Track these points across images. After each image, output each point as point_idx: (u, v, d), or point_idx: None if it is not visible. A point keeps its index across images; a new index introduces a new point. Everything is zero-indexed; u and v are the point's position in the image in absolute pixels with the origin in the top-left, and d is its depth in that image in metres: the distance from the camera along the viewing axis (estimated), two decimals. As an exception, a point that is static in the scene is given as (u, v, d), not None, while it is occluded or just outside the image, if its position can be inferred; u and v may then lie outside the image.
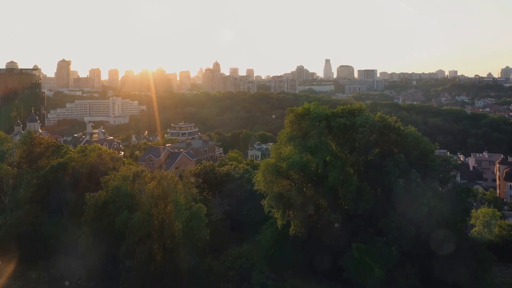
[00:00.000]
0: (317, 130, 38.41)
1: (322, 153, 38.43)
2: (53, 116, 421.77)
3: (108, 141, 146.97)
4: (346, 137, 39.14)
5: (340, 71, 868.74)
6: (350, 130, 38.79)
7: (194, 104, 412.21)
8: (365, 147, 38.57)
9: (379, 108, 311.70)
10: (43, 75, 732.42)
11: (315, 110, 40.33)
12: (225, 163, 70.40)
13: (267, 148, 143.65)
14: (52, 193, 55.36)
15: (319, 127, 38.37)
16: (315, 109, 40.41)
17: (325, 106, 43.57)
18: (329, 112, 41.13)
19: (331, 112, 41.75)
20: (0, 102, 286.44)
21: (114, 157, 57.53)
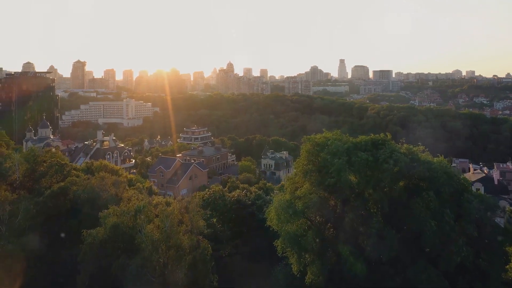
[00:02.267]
0: (337, 166, 34.29)
1: (341, 191, 34.35)
2: (67, 118, 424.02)
3: (119, 149, 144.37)
4: (368, 173, 34.88)
5: (355, 71, 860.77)
6: (373, 165, 34.51)
7: (207, 105, 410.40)
8: (389, 185, 34.25)
9: (396, 112, 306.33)
10: (59, 75, 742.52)
11: (335, 142, 36.11)
12: (235, 185, 66.46)
13: (281, 157, 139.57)
14: (51, 220, 52.14)
15: (339, 163, 34.22)
16: (334, 142, 36.19)
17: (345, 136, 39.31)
18: (349, 144, 36.88)
19: (352, 143, 37.53)
20: (15, 105, 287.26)
21: (117, 181, 53.90)
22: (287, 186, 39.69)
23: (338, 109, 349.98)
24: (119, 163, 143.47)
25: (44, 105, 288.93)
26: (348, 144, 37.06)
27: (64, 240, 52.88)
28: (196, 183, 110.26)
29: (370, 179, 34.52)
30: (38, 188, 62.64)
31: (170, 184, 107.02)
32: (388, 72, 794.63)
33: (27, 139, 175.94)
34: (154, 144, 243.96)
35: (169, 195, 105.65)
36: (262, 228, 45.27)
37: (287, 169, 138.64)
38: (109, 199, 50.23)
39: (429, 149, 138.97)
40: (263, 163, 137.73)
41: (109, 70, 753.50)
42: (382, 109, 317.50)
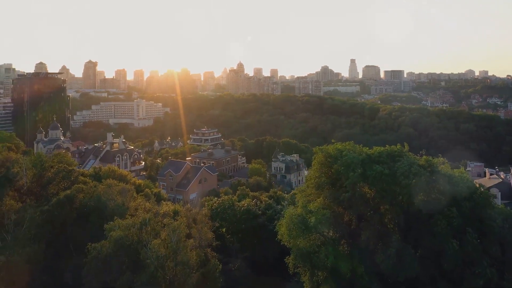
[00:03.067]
0: (351, 179, 32.55)
1: (356, 206, 32.60)
2: (79, 118, 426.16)
3: (128, 151, 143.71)
4: (384, 187, 33.04)
5: (366, 71, 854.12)
6: (389, 179, 32.67)
7: (218, 106, 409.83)
8: (408, 200, 32.39)
9: (408, 113, 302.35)
10: (71, 75, 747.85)
11: (349, 154, 34.32)
12: (245, 193, 64.89)
13: (292, 160, 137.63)
14: (57, 230, 51.04)
15: (353, 176, 32.47)
16: (348, 154, 34.40)
17: (358, 147, 37.50)
18: (364, 156, 35.07)
19: (367, 154, 35.68)
20: (27, 106, 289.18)
21: (124, 189, 52.61)
22: (298, 198, 38.02)
23: (349, 110, 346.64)
24: (129, 166, 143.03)
25: (55, 105, 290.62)
26: (362, 156, 35.27)
27: (70, 250, 51.89)
28: (205, 186, 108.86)
29: (387, 194, 32.69)
30: (45, 195, 61.75)
31: (180, 188, 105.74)
32: (399, 72, 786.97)
33: (38, 141, 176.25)
34: (164, 145, 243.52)
35: (179, 199, 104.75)
36: (273, 240, 43.60)
37: (298, 172, 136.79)
38: (116, 209, 49.01)
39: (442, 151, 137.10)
40: (273, 166, 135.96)
41: (120, 70, 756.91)
42: (394, 110, 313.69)
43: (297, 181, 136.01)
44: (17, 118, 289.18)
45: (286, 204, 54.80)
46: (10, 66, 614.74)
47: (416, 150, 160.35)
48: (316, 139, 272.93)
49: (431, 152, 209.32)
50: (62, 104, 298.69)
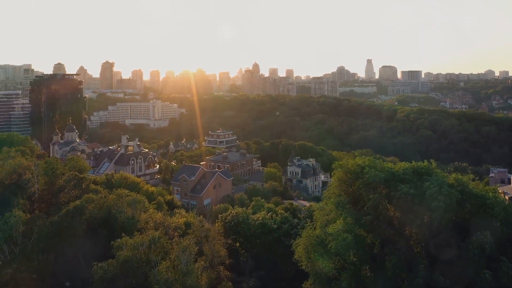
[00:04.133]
0: (374, 201, 30.02)
1: (380, 230, 30.07)
2: (95, 119, 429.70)
3: (143, 154, 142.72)
4: (411, 209, 30.40)
5: (383, 71, 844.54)
6: (417, 200, 30.04)
7: (233, 107, 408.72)
8: (438, 225, 29.74)
9: (427, 115, 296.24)
10: (88, 75, 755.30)
11: (370, 172, 31.79)
12: (260, 203, 62.67)
13: (308, 164, 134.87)
14: (66, 241, 49.52)
15: (376, 197, 29.95)
16: (370, 171, 31.87)
17: (379, 163, 34.89)
18: (387, 174, 32.47)
19: (390, 172, 33.06)
20: (44, 107, 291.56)
21: (135, 201, 50.83)
22: (317, 217, 35.58)
23: (366, 112, 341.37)
24: (143, 169, 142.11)
25: (72, 107, 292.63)
26: (385, 174, 32.64)
27: (79, 263, 50.40)
28: (220, 192, 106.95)
29: (415, 217, 30.07)
30: (56, 203, 60.51)
31: (194, 194, 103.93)
32: (417, 72, 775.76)
33: (54, 143, 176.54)
34: (179, 147, 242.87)
35: (193, 205, 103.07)
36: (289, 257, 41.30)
37: (314, 177, 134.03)
38: (126, 221, 47.33)
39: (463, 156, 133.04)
40: (289, 171, 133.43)
41: (137, 70, 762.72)
42: (412, 112, 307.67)
43: (313, 186, 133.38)
44: (34, 119, 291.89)
45: (303, 218, 52.42)
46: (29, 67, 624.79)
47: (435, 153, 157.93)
48: (332, 141, 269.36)
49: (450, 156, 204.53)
50: (79, 105, 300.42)
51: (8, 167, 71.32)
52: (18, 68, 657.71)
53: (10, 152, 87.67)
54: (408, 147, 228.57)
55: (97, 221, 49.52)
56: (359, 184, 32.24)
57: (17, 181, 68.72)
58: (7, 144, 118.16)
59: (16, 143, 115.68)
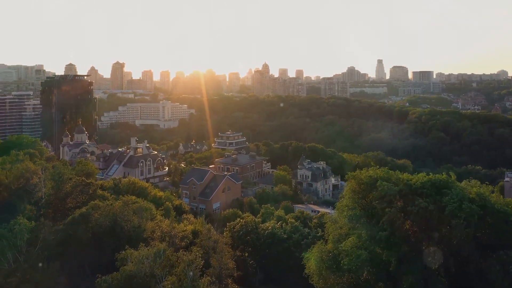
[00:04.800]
0: (390, 216, 28.41)
1: (396, 247, 28.46)
2: (106, 119, 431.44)
3: (152, 156, 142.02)
4: (430, 226, 28.76)
5: (393, 72, 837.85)
6: (436, 216, 28.38)
7: (242, 108, 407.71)
8: (458, 243, 28.02)
9: (439, 116, 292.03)
10: (99, 76, 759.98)
11: (384, 184, 30.16)
12: (270, 211, 61.18)
13: (318, 167, 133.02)
14: (72, 250, 48.54)
15: (392, 212, 28.34)
16: (384, 184, 30.23)
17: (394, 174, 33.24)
18: (402, 187, 30.83)
19: (406, 184, 31.40)
20: (55, 108, 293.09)
21: (141, 208, 49.69)
22: (329, 231, 34.05)
23: (377, 113, 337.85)
24: (152, 171, 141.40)
25: (82, 107, 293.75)
26: (400, 186, 31.02)
27: (84, 272, 49.46)
28: (229, 195, 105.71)
29: (433, 234, 28.42)
30: (63, 209, 59.82)
31: (203, 197, 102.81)
32: (428, 73, 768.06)
33: (64, 144, 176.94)
34: (189, 148, 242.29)
35: (202, 208, 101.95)
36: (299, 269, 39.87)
37: (325, 180, 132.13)
38: (132, 230, 46.24)
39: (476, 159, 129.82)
40: (299, 174, 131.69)
41: (147, 71, 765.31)
42: (424, 114, 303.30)
43: (324, 190, 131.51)
44: (45, 120, 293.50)
45: (313, 226, 50.88)
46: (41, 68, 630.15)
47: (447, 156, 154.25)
48: (342, 143, 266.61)
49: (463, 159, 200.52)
50: (89, 106, 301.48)
51: (15, 171, 70.90)
52: (30, 68, 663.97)
53: (19, 156, 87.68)
54: (420, 149, 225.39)
55: (102, 229, 48.50)
56: (373, 197, 30.64)
57: (24, 186, 68.24)
58: (17, 146, 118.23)
59: (26, 146, 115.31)
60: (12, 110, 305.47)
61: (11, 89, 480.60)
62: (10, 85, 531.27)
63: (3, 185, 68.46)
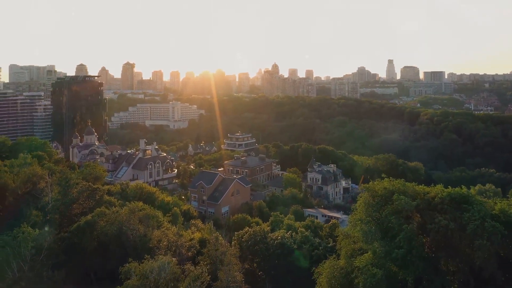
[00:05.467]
0: (407, 233, 26.78)
1: (414, 266, 26.83)
2: (116, 120, 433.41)
3: (161, 158, 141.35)
4: (450, 244, 27.06)
5: (404, 72, 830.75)
6: (456, 235, 26.69)
7: (252, 108, 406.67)
8: (481, 264, 26.31)
9: (451, 118, 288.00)
10: (110, 76, 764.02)
11: (401, 198, 28.53)
12: (279, 219, 59.66)
13: (328, 170, 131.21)
14: (77, 258, 47.57)
15: (409, 230, 26.73)
16: (401, 197, 28.60)
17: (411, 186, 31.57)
18: (420, 201, 29.18)
19: (424, 199, 29.74)
20: (66, 109, 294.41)
21: (147, 216, 48.54)
22: (342, 245, 32.52)
23: (388, 114, 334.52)
24: (161, 173, 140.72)
25: (92, 108, 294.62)
26: (418, 201, 29.36)
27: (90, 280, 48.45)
28: (238, 199, 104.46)
29: (454, 254, 26.73)
30: (69, 215, 58.90)
31: (212, 201, 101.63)
32: (440, 73, 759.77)
33: (74, 146, 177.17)
34: (198, 150, 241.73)
35: (211, 212, 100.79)
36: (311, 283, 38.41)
37: (335, 184, 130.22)
38: (137, 240, 45.12)
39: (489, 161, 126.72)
40: (309, 177, 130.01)
41: (157, 71, 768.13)
42: (436, 115, 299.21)
43: (334, 193, 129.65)
44: (56, 121, 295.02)
45: (324, 236, 49.32)
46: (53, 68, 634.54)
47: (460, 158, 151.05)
48: (353, 144, 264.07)
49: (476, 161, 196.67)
50: (99, 107, 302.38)
51: (22, 175, 70.33)
52: (42, 69, 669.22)
53: (27, 159, 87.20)
54: (432, 151, 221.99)
55: (108, 237, 47.49)
56: (388, 211, 29.02)
57: (31, 191, 67.71)
58: (26, 148, 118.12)
59: (35, 148, 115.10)
60: (23, 110, 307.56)
61: (23, 89, 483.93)
62: (22, 86, 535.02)
63: (10, 189, 67.96)
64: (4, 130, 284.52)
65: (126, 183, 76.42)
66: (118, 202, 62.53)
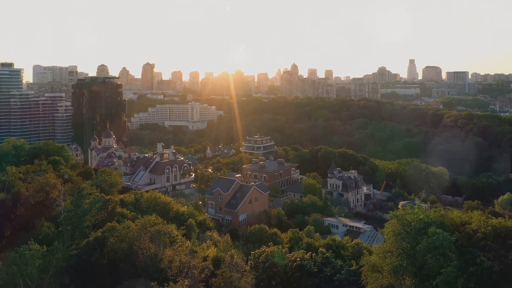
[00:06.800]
0: (446, 276, 23.47)
1: (453, 312, 23.52)
2: (136, 120, 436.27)
3: (178, 163, 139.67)
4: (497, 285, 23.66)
5: (426, 72, 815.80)
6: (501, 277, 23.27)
7: (271, 109, 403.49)
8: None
9: (476, 121, 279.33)
10: (131, 76, 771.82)
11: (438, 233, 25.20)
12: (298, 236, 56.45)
13: (349, 176, 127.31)
14: (86, 276, 45.42)
15: (449, 272, 23.41)
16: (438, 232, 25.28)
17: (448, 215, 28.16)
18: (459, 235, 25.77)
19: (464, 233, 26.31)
20: (86, 110, 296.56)
21: (159, 234, 46.05)
22: (368, 280, 29.27)
23: (410, 116, 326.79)
24: (179, 178, 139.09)
25: (112, 110, 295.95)
26: (456, 235, 25.96)
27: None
28: (256, 207, 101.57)
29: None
30: (81, 227, 56.94)
31: (229, 209, 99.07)
32: (463, 73, 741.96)
33: (92, 148, 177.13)
34: (216, 152, 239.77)
35: (228, 220, 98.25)
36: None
37: (356, 191, 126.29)
38: (148, 260, 42.69)
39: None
40: (329, 183, 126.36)
41: (176, 72, 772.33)
42: (460, 117, 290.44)
43: (355, 200, 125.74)
44: (76, 122, 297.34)
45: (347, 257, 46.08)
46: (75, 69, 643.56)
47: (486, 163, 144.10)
48: (374, 147, 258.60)
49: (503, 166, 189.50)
50: (119, 108, 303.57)
51: (36, 184, 68.98)
52: (64, 69, 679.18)
53: (42, 165, 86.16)
54: (457, 155, 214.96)
55: (118, 255, 45.30)
56: (423, 246, 25.69)
57: (44, 200, 66.25)
58: (44, 152, 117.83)
59: (52, 152, 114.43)
60: (45, 111, 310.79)
61: (45, 90, 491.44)
62: (45, 86, 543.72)
63: (23, 198, 66.68)
64: (26, 131, 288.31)
65: (141, 192, 74.32)
66: (131, 214, 60.49)
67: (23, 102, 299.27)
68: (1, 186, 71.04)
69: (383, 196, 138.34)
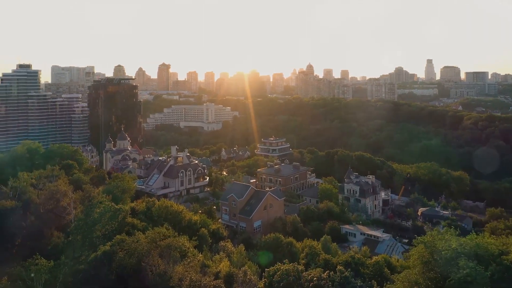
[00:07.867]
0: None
1: None
2: (151, 121, 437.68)
3: (192, 166, 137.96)
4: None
5: (444, 72, 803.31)
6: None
7: (286, 110, 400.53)
8: None
9: (497, 123, 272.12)
10: (147, 76, 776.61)
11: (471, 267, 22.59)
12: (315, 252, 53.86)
13: (367, 182, 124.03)
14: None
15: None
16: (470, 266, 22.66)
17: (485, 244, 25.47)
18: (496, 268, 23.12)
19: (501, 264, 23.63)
20: (101, 111, 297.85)
21: (169, 248, 44.13)
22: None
23: (428, 117, 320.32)
24: (193, 182, 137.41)
25: (128, 111, 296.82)
26: (492, 268, 23.30)
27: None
28: (271, 213, 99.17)
29: None
30: (91, 237, 55.40)
31: (243, 215, 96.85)
32: (483, 73, 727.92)
33: (107, 150, 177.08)
34: (231, 154, 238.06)
35: (242, 227, 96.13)
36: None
37: (374, 196, 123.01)
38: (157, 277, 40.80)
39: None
40: (346, 188, 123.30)
41: (192, 72, 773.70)
42: (481, 119, 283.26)
43: (373, 206, 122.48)
44: (92, 123, 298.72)
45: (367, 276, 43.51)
46: (92, 70, 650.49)
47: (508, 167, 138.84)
48: (391, 150, 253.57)
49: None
50: (134, 109, 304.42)
51: (46, 191, 67.85)
52: (81, 70, 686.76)
53: (54, 170, 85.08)
54: (477, 159, 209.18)
55: (127, 270, 43.53)
56: (453, 281, 23.10)
57: (54, 208, 65.06)
58: (58, 155, 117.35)
59: (66, 156, 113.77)
60: (62, 112, 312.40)
61: (63, 90, 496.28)
62: (62, 87, 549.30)
63: (34, 205, 65.60)
64: (43, 132, 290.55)
65: (153, 200, 72.60)
66: (142, 224, 58.84)
67: (40, 103, 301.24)
68: (13, 192, 70.23)
69: (402, 202, 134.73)
